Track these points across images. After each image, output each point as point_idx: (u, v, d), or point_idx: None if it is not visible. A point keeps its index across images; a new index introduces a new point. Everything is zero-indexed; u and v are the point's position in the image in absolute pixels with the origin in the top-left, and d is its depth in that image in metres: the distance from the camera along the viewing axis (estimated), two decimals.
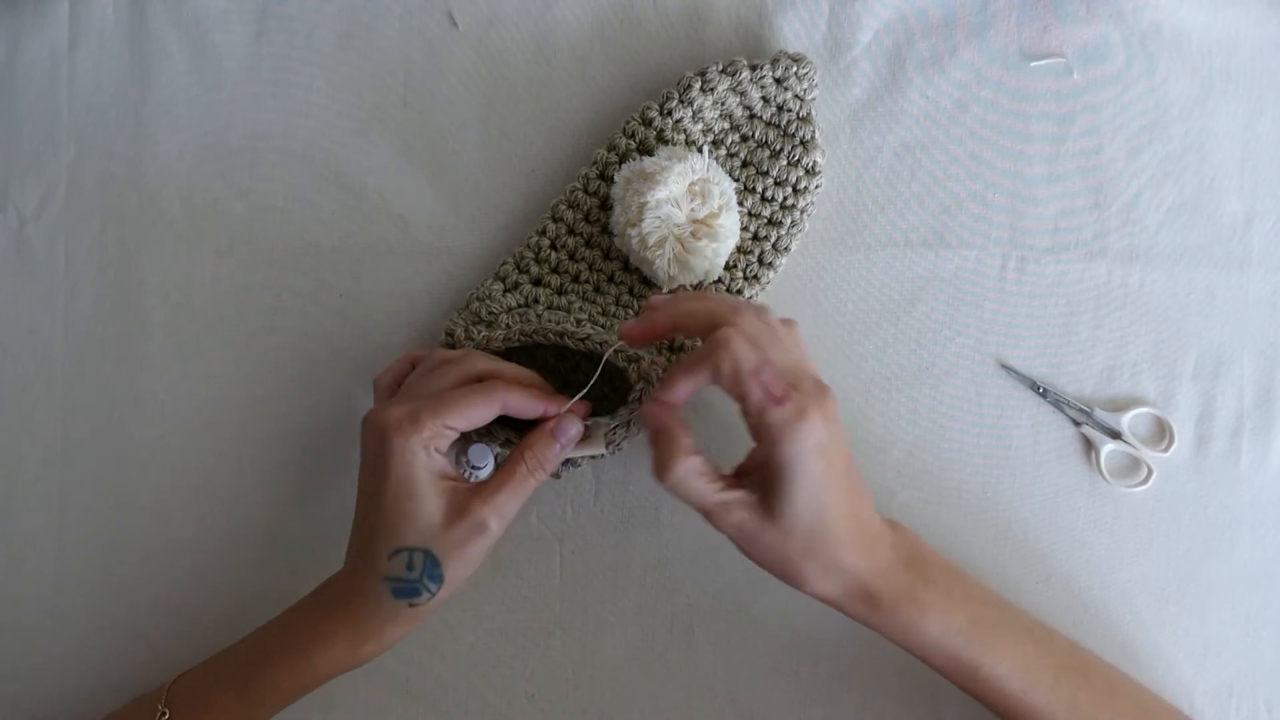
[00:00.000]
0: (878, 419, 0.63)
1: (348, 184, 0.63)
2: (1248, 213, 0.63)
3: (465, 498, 0.53)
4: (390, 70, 0.63)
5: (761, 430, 0.50)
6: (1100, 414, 0.62)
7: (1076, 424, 0.62)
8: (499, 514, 0.53)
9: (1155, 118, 0.63)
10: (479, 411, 0.53)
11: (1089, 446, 0.63)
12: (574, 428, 0.56)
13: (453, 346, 0.59)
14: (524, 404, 0.55)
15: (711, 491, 0.51)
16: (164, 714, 0.55)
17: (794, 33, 0.62)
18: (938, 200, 0.63)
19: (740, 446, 0.52)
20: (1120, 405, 0.63)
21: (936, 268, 0.63)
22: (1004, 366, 0.63)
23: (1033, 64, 0.63)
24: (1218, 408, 0.63)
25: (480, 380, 0.55)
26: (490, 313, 0.60)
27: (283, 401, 0.63)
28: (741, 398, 0.50)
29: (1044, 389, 0.62)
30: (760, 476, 0.51)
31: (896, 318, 0.63)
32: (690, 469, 0.51)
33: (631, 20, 0.63)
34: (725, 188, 0.59)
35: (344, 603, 0.54)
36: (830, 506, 0.51)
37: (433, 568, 0.53)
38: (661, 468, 0.51)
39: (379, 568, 0.53)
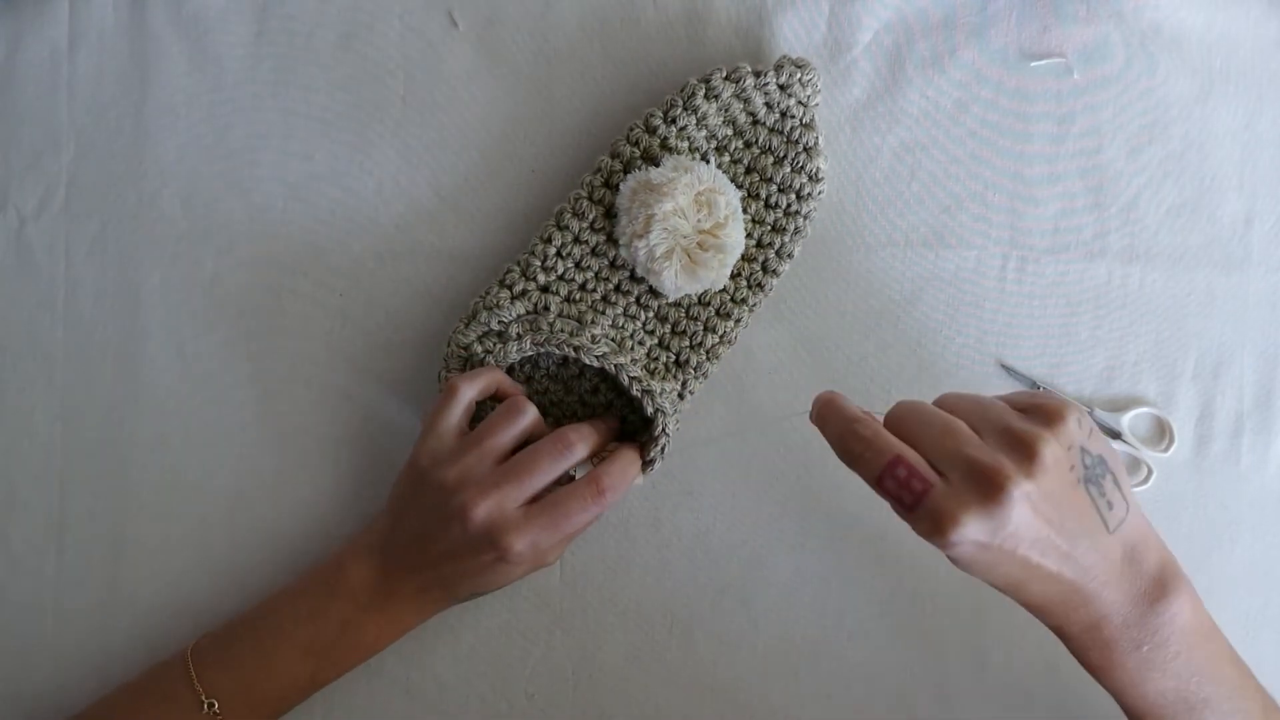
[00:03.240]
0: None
1: (348, 184, 0.63)
2: (1248, 213, 0.63)
3: (543, 552, 0.57)
4: (390, 70, 0.63)
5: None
6: (1100, 414, 0.62)
7: None
8: (559, 554, 0.59)
9: (1155, 118, 0.63)
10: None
11: None
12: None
13: (466, 360, 0.59)
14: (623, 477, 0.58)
15: None
16: (211, 705, 0.56)
17: (794, 33, 0.62)
18: (938, 200, 0.63)
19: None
20: (1120, 405, 0.63)
21: (936, 268, 0.63)
22: (1004, 367, 0.63)
23: (1033, 64, 0.63)
24: (1218, 408, 0.63)
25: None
26: (501, 322, 0.59)
27: (283, 401, 0.63)
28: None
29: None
30: None
31: (896, 318, 0.63)
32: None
33: (631, 20, 0.63)
34: (731, 198, 0.58)
35: (385, 611, 0.58)
36: (1021, 584, 0.48)
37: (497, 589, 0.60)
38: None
39: (456, 596, 0.58)
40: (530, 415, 0.58)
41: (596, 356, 0.58)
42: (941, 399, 0.52)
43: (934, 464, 0.47)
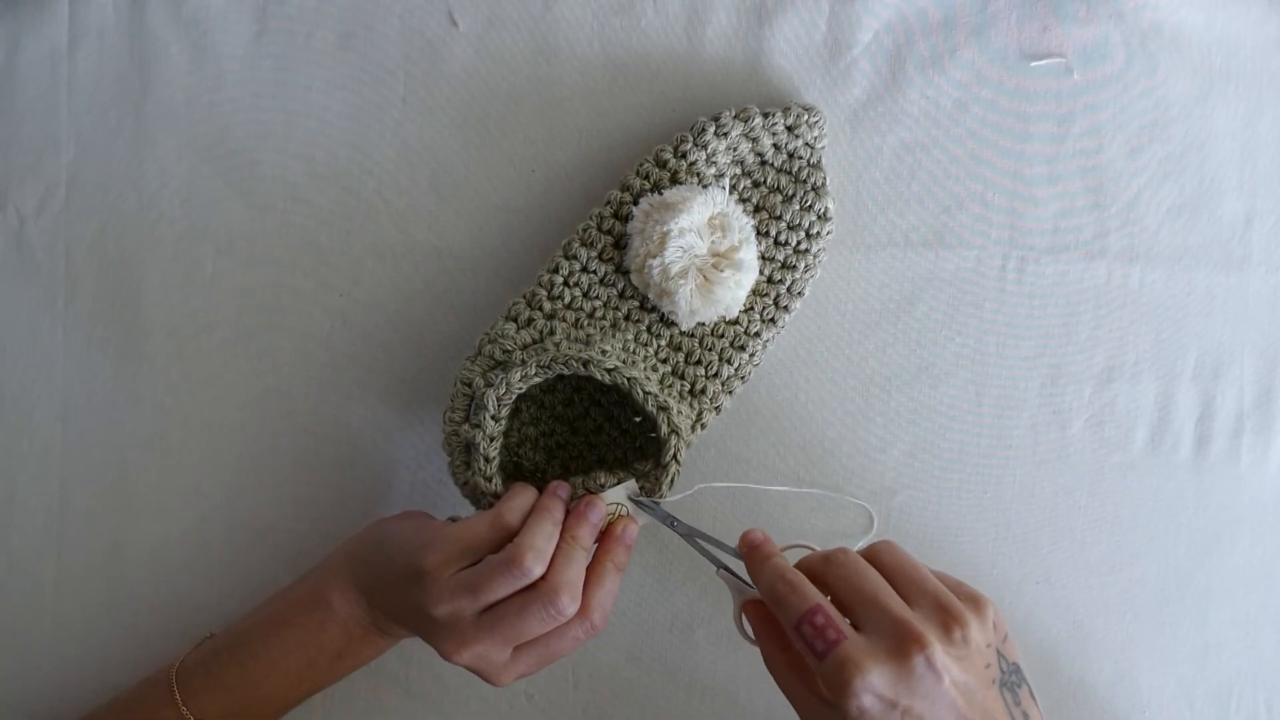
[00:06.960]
0: (878, 419, 0.63)
1: (348, 184, 0.63)
2: (1248, 213, 0.63)
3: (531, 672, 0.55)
4: (390, 70, 0.63)
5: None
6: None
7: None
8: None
9: (1155, 118, 0.63)
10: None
11: (1089, 446, 0.63)
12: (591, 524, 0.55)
13: (470, 399, 0.57)
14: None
15: (801, 689, 0.51)
16: None
17: (794, 33, 0.62)
18: (938, 200, 0.63)
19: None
20: (1120, 405, 0.63)
21: (936, 268, 0.63)
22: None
23: (1033, 64, 0.63)
24: (1218, 408, 0.63)
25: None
26: (505, 352, 0.57)
27: (283, 401, 0.63)
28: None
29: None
30: None
31: (896, 318, 0.63)
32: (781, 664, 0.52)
33: (631, 20, 0.63)
34: (744, 224, 0.58)
35: (379, 640, 0.57)
36: None
37: None
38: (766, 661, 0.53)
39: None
40: (533, 577, 0.51)
41: (607, 370, 0.55)
42: (878, 554, 0.52)
43: (857, 619, 0.48)
